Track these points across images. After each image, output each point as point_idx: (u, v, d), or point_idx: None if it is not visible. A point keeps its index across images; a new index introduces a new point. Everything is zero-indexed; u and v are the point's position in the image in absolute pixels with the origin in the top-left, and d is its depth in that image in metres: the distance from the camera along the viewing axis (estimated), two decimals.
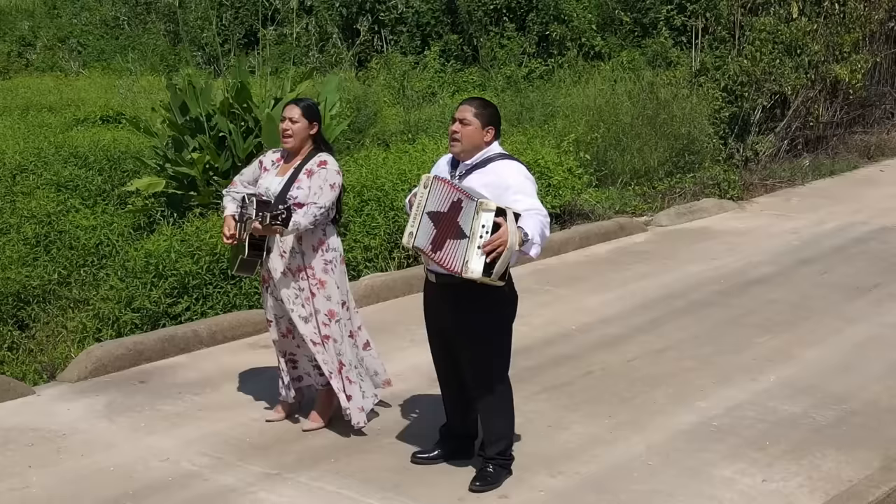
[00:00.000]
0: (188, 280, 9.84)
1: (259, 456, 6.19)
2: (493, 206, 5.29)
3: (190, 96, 12.13)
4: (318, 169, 6.31)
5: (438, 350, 5.94)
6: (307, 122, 6.38)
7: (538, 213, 5.45)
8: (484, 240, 5.26)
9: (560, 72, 17.92)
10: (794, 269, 9.96)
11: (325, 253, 6.37)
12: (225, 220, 6.56)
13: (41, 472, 5.99)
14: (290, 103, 6.48)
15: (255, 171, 6.62)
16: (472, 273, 5.30)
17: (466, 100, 5.82)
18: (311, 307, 6.33)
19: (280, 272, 6.36)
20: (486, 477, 5.76)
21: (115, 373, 7.53)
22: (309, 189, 6.26)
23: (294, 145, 6.39)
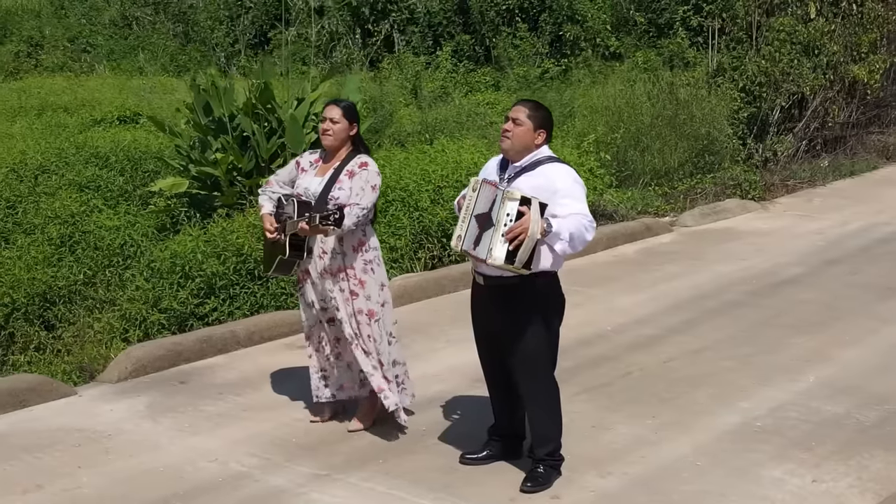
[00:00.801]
0: (215, 281, 9.85)
1: (307, 457, 6.21)
2: (517, 195, 5.32)
3: (213, 97, 12.15)
4: (359, 170, 6.32)
5: (486, 352, 5.95)
6: (347, 122, 6.39)
7: (580, 216, 5.47)
8: (508, 227, 5.29)
9: (576, 72, 17.94)
10: (822, 269, 9.98)
11: (365, 253, 6.39)
12: (262, 218, 6.55)
13: (91, 473, 6.01)
14: (331, 103, 6.48)
15: (291, 172, 6.63)
16: (495, 260, 5.34)
17: (521, 100, 5.84)
18: (352, 307, 6.35)
19: (319, 273, 6.38)
20: (537, 478, 5.78)
21: (154, 373, 7.55)
22: (350, 190, 6.27)
23: (333, 145, 6.40)
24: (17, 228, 11.91)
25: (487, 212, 5.43)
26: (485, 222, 5.43)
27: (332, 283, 6.36)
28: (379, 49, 22.52)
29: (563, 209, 5.48)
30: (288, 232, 6.29)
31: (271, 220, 6.47)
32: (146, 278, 10.28)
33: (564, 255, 5.58)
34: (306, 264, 6.44)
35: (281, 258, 6.41)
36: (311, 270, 6.42)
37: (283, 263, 6.46)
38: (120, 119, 15.95)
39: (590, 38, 18.46)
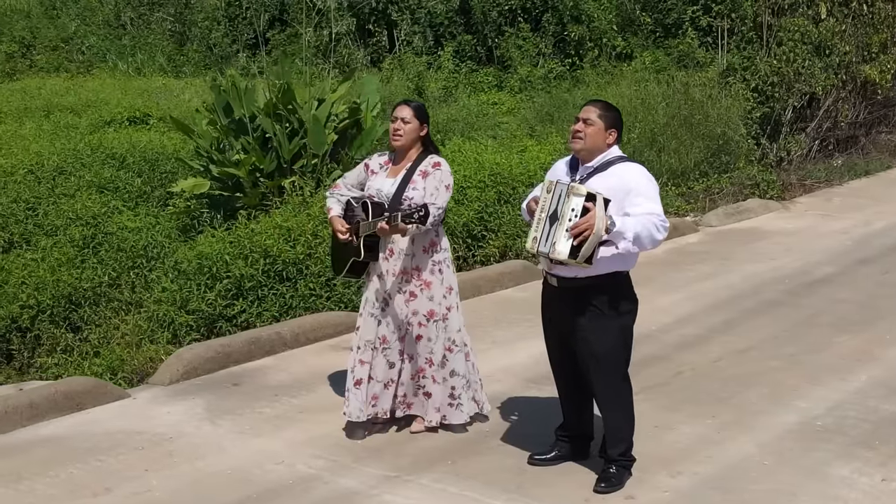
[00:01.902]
0: (243, 282, 9.82)
1: (373, 458, 6.20)
2: (583, 190, 5.34)
3: (234, 97, 12.12)
4: (432, 170, 6.32)
5: (557, 353, 5.95)
6: (418, 123, 6.38)
7: (653, 216, 5.48)
8: (573, 223, 5.30)
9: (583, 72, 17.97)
10: (854, 269, 10.04)
11: (435, 254, 6.37)
12: (331, 220, 6.52)
13: (159, 476, 5.99)
14: (401, 104, 6.46)
15: (359, 175, 6.61)
16: (559, 255, 5.37)
17: (591, 101, 5.85)
18: (408, 309, 6.33)
19: (384, 274, 6.36)
20: (610, 478, 5.79)
21: (205, 375, 7.54)
22: (424, 190, 6.26)
23: (404, 145, 6.38)
24: (37, 230, 11.88)
25: (556, 208, 5.44)
26: (553, 219, 5.45)
27: (401, 285, 6.33)
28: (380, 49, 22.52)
29: (636, 208, 5.49)
30: (362, 233, 6.28)
31: (342, 223, 6.45)
32: (172, 280, 10.26)
33: (629, 253, 5.58)
34: (377, 266, 6.41)
35: (354, 260, 6.39)
36: (380, 272, 6.40)
37: (356, 266, 6.44)
38: (130, 120, 15.89)
39: (596, 38, 18.47)
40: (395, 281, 6.33)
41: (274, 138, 11.81)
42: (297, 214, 10.65)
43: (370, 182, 6.48)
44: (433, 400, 6.42)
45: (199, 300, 9.81)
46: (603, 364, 5.69)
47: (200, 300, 9.81)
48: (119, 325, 10.48)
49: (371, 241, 6.32)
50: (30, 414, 6.62)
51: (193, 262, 10.20)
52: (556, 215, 5.40)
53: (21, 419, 6.59)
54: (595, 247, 5.38)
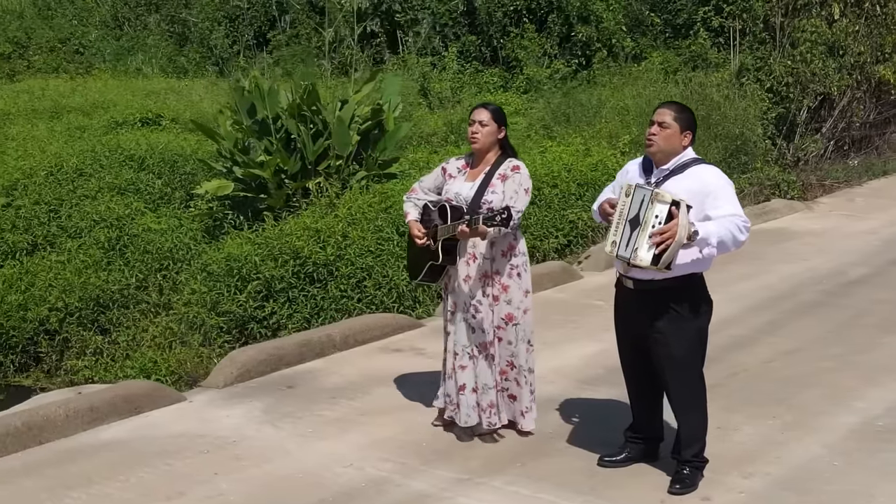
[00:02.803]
0: (273, 284, 9.80)
1: (442, 460, 6.18)
2: (668, 197, 5.32)
3: (257, 98, 12.09)
4: (511, 173, 6.29)
5: (631, 356, 5.94)
6: (496, 125, 6.35)
7: (735, 217, 5.48)
8: (656, 230, 5.30)
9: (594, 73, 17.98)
10: (887, 269, 10.08)
11: (513, 258, 6.35)
12: (409, 224, 6.49)
13: (229, 480, 5.96)
14: (479, 107, 6.43)
15: (437, 178, 6.58)
16: (641, 261, 5.36)
17: (664, 103, 5.84)
18: (493, 313, 6.31)
19: (463, 278, 6.33)
20: (684, 479, 5.78)
21: (258, 378, 7.51)
22: (503, 193, 6.24)
23: (481, 148, 6.35)
24: (61, 232, 11.83)
25: (637, 213, 5.43)
26: (634, 223, 5.44)
27: (477, 288, 6.31)
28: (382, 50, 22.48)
29: (717, 211, 5.49)
30: (440, 237, 6.25)
31: (419, 227, 6.42)
32: (201, 282, 10.23)
33: (712, 258, 5.60)
34: (454, 270, 6.39)
35: (432, 264, 6.37)
36: (458, 276, 6.37)
37: (434, 269, 6.42)
38: (142, 121, 15.82)
39: (605, 39, 18.48)
40: (475, 285, 6.30)
41: (298, 139, 11.79)
42: (324, 216, 10.64)
43: (448, 185, 6.45)
44: (519, 403, 6.41)
45: (230, 302, 9.79)
46: (680, 366, 5.68)
47: (231, 302, 9.79)
48: (147, 328, 10.46)
49: (449, 244, 6.29)
50: (90, 417, 6.59)
51: (222, 264, 10.18)
52: (638, 220, 5.39)
53: (82, 423, 6.55)
54: (675, 253, 5.38)
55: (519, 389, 6.43)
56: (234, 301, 9.80)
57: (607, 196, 5.91)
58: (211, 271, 10.27)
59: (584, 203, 11.72)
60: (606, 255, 5.70)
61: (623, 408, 6.84)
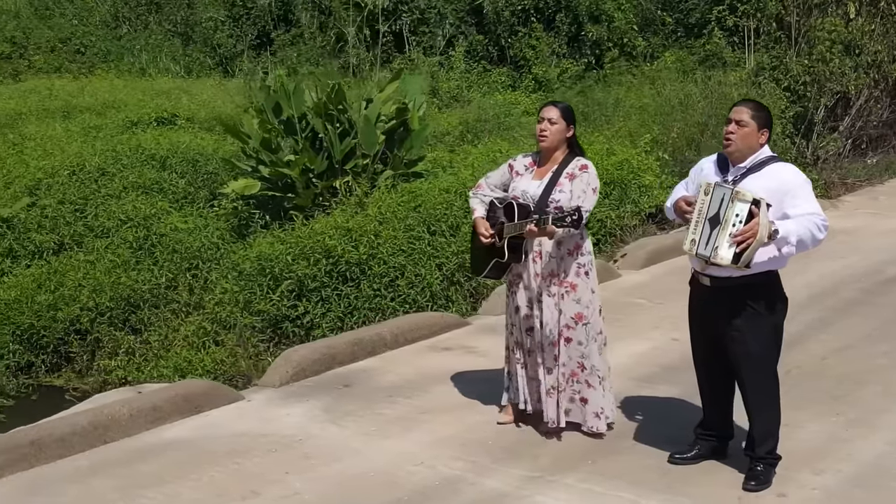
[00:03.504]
0: (306, 283, 9.77)
1: (511, 458, 6.18)
2: (749, 196, 5.34)
3: (282, 97, 12.06)
4: (579, 172, 6.27)
5: (707, 353, 5.93)
6: (565, 124, 6.33)
7: (814, 216, 5.50)
8: (737, 229, 5.31)
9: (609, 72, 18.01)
10: None
11: (580, 257, 6.33)
12: (475, 221, 6.48)
13: (302, 479, 5.94)
14: (548, 105, 6.41)
15: (503, 175, 6.57)
16: (722, 260, 5.38)
17: (741, 101, 5.84)
18: (560, 311, 6.31)
19: (532, 276, 6.33)
20: (759, 476, 5.79)
21: (313, 377, 7.50)
22: (571, 192, 6.22)
23: (550, 146, 6.33)
24: (88, 232, 11.77)
25: (717, 211, 5.44)
26: (715, 222, 5.45)
27: (547, 288, 6.30)
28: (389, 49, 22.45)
29: (795, 210, 5.51)
30: (506, 234, 6.24)
31: (486, 224, 6.41)
32: (233, 281, 10.20)
33: (790, 255, 5.61)
34: (520, 268, 6.38)
35: (498, 261, 6.36)
36: (523, 275, 6.37)
37: (498, 267, 6.41)
38: (157, 121, 15.75)
39: (616, 38, 18.50)
40: (542, 284, 6.29)
41: (325, 138, 11.76)
42: (354, 215, 10.62)
43: (515, 183, 6.44)
44: (591, 405, 6.39)
45: (263, 301, 9.76)
46: (757, 363, 5.70)
47: (264, 301, 9.76)
48: (178, 328, 10.42)
49: (515, 242, 6.28)
50: (153, 417, 6.58)
51: (254, 263, 10.15)
52: (718, 219, 5.39)
53: (145, 422, 6.54)
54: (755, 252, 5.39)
55: (590, 391, 6.40)
56: (267, 300, 9.78)
57: (681, 193, 5.92)
58: (242, 270, 10.24)
59: (610, 202, 11.74)
60: (685, 252, 5.70)
61: (685, 405, 6.89)
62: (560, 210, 6.04)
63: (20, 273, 11.20)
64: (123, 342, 10.32)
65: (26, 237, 11.73)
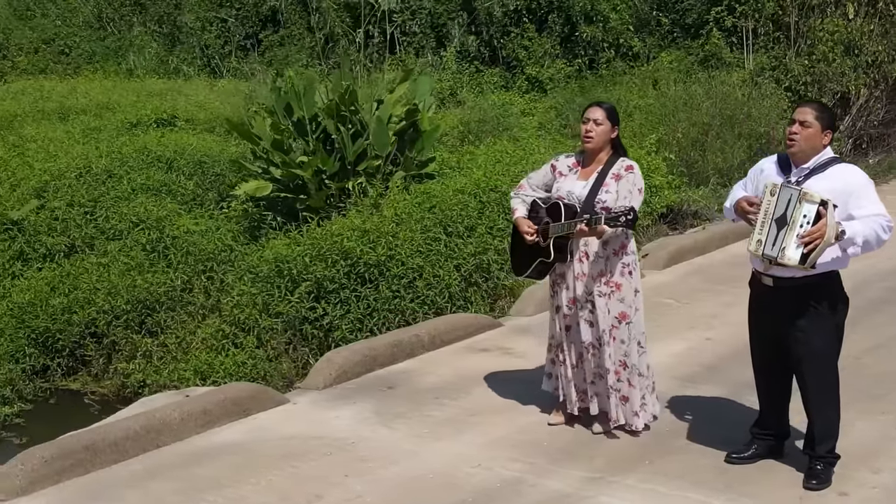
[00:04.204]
0: (325, 285, 9.73)
1: (568, 459, 6.17)
2: (817, 197, 5.37)
3: (293, 98, 12.02)
4: (625, 173, 6.28)
5: (768, 353, 5.94)
6: (610, 125, 6.34)
7: (879, 217, 5.54)
8: (804, 230, 5.34)
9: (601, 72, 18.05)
10: None
11: (625, 256, 6.35)
12: (517, 221, 6.48)
13: (362, 482, 5.92)
14: (593, 105, 6.41)
15: (546, 175, 6.57)
16: (789, 260, 5.42)
17: (805, 102, 5.87)
18: (607, 310, 6.31)
19: (577, 276, 6.33)
20: (819, 475, 5.82)
21: (355, 379, 7.48)
22: (617, 193, 6.23)
23: (595, 147, 6.34)
24: (99, 234, 11.68)
25: (784, 212, 5.46)
26: (782, 223, 5.47)
27: (591, 287, 6.30)
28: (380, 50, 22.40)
29: (861, 210, 5.54)
30: (552, 234, 6.24)
31: (529, 223, 6.41)
32: (250, 283, 10.14)
33: (854, 256, 5.65)
34: (564, 268, 6.38)
35: (542, 261, 6.36)
36: (567, 275, 6.37)
37: (542, 266, 6.41)
38: (157, 122, 15.65)
39: (611, 38, 18.52)
40: (590, 283, 6.30)
41: (337, 139, 11.73)
42: (370, 216, 10.59)
43: (559, 184, 6.43)
44: (631, 403, 6.40)
45: (282, 303, 9.72)
46: (819, 363, 5.74)
47: (283, 303, 9.72)
48: (195, 330, 10.36)
49: (560, 242, 6.29)
50: (203, 420, 6.53)
51: (272, 265, 10.10)
52: (785, 220, 5.42)
53: (196, 425, 6.49)
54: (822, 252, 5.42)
55: (631, 390, 6.43)
56: (286, 302, 9.73)
57: (740, 194, 5.94)
58: (259, 272, 10.18)
59: None
60: (750, 252, 5.71)
61: (733, 405, 6.93)
62: (608, 210, 6.06)
63: (32, 276, 11.10)
64: (140, 345, 10.24)
65: (36, 240, 11.61)
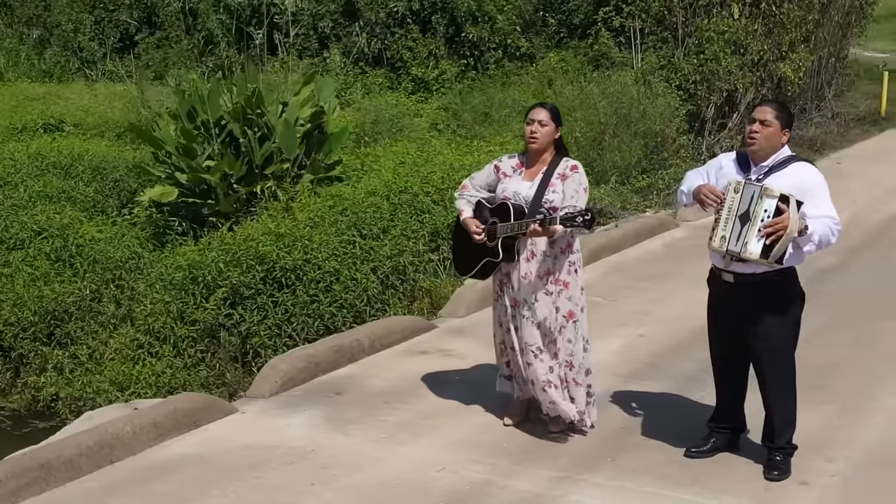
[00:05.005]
0: (241, 291, 9.60)
1: (531, 460, 6.19)
2: (776, 192, 5.50)
3: (197, 101, 11.81)
4: (570, 173, 6.33)
5: (727, 348, 6.05)
6: (554, 125, 6.38)
7: (832, 220, 5.69)
8: (765, 223, 5.46)
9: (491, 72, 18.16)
10: (851, 258, 10.51)
11: (570, 255, 6.39)
12: (466, 222, 6.46)
13: (330, 490, 5.85)
14: (537, 106, 6.45)
15: (489, 176, 6.57)
16: (751, 254, 5.54)
17: (764, 101, 6.02)
18: (555, 308, 6.35)
19: (523, 275, 6.35)
20: (779, 466, 5.95)
21: (301, 385, 7.38)
22: (563, 193, 6.27)
23: (540, 148, 6.37)
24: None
25: (747, 209, 5.57)
26: (745, 219, 5.58)
27: (539, 286, 6.33)
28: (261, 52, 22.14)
29: (815, 210, 5.67)
30: (500, 234, 6.25)
31: (476, 223, 6.41)
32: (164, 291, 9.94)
33: (809, 253, 5.78)
34: (509, 267, 6.40)
35: (490, 261, 6.37)
36: (512, 274, 6.38)
37: (489, 266, 6.42)
38: (45, 127, 15.20)
39: (499, 39, 18.65)
40: (537, 282, 6.32)
41: (244, 143, 11.56)
42: (282, 220, 10.46)
43: (504, 185, 6.44)
44: (577, 404, 6.44)
45: (199, 310, 9.55)
46: (780, 357, 5.87)
47: (199, 311, 9.55)
48: (108, 340, 10.11)
49: (508, 242, 6.31)
50: (155, 433, 6.36)
51: (185, 271, 9.91)
52: (749, 216, 5.52)
53: (148, 439, 6.32)
54: (785, 247, 5.54)
55: (577, 389, 6.47)
56: (202, 309, 9.56)
57: (698, 180, 6.02)
58: (172, 279, 9.98)
59: None
60: (714, 249, 5.79)
61: (681, 400, 7.08)
62: (554, 210, 6.11)
63: None
64: (51, 357, 9.98)
65: None
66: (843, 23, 18.41)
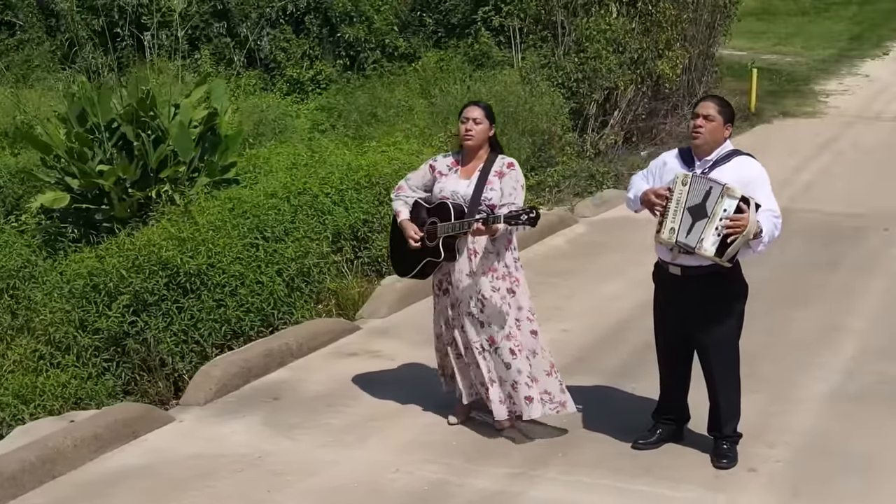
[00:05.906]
0: (144, 297, 9.40)
1: (483, 458, 6.22)
2: (738, 193, 5.65)
3: (87, 104, 11.50)
4: (507, 170, 6.38)
5: (672, 340, 6.17)
6: (488, 123, 6.43)
7: (773, 213, 5.85)
8: (724, 223, 5.61)
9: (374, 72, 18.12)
10: None
11: (514, 251, 6.46)
12: (403, 224, 6.45)
13: (287, 496, 5.79)
14: (471, 104, 6.49)
15: (425, 176, 6.58)
16: (705, 251, 5.68)
17: (707, 97, 6.13)
18: (510, 304, 6.38)
19: (466, 274, 6.36)
20: (727, 454, 6.10)
21: (235, 391, 7.27)
22: (501, 190, 6.32)
23: (475, 146, 6.41)
24: None
25: (701, 203, 5.69)
26: (698, 213, 5.69)
27: (484, 284, 6.34)
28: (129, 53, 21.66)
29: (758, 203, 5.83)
30: (441, 234, 6.26)
31: (415, 228, 6.40)
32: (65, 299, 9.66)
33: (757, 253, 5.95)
34: (450, 267, 6.40)
35: (431, 261, 6.36)
36: (453, 273, 6.39)
37: (429, 266, 6.42)
38: None
39: (376, 39, 18.61)
40: (481, 280, 6.33)
41: (137, 146, 11.30)
42: (183, 224, 10.27)
43: (441, 184, 6.45)
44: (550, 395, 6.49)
45: (102, 319, 9.31)
46: (725, 348, 6.03)
47: (102, 319, 9.31)
48: (5, 352, 9.77)
49: (448, 241, 6.32)
50: (96, 446, 6.20)
51: (86, 279, 9.65)
52: (704, 211, 5.64)
53: (89, 451, 6.15)
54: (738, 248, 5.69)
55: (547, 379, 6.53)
56: (104, 318, 9.32)
57: (643, 186, 6.12)
58: (71, 287, 9.69)
59: None
60: (662, 241, 5.88)
61: (616, 393, 7.22)
62: (493, 208, 6.19)
63: None
64: None
65: None
66: (711, 21, 18.86)
